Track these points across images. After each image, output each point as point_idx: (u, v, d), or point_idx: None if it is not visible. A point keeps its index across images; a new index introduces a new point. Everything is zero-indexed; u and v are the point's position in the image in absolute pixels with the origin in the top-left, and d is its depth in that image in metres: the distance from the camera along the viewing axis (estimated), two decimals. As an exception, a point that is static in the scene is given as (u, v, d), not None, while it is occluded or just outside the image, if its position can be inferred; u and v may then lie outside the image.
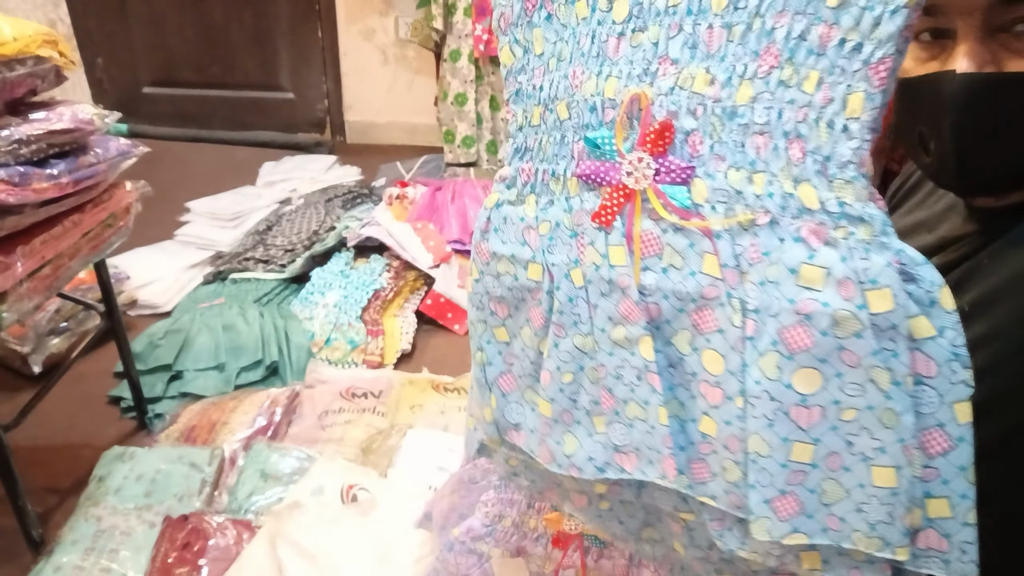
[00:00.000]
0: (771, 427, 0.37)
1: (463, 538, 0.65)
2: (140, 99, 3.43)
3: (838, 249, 0.35)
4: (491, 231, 0.49)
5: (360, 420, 1.56)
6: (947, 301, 0.36)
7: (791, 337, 0.36)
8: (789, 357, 0.36)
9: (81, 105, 1.20)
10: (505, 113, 0.47)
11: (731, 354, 0.38)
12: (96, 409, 1.67)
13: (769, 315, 0.37)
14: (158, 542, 1.20)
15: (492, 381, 0.52)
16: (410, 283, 2.12)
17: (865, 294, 0.34)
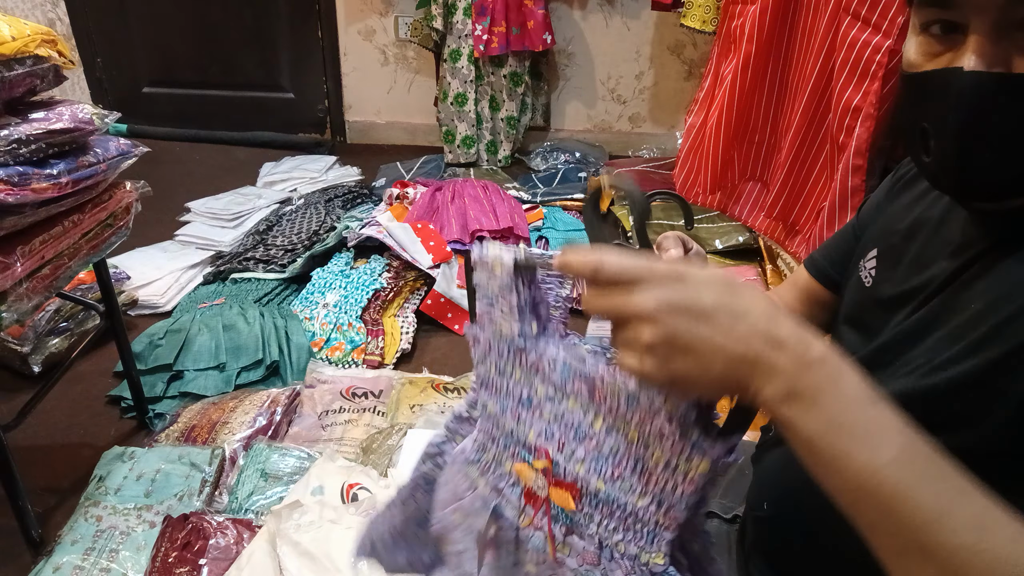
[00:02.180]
0: None
1: (462, 455, 0.66)
2: (140, 99, 3.43)
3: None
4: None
5: (360, 420, 1.56)
6: None
7: None
8: None
9: (80, 105, 1.20)
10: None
11: None
12: (96, 409, 1.67)
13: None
14: (158, 542, 1.20)
15: None
16: (410, 283, 2.12)
17: None
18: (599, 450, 0.54)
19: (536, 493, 0.59)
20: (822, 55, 1.99)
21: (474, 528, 0.65)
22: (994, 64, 0.51)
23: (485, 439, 0.63)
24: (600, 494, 0.55)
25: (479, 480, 0.64)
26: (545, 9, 2.90)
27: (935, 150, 0.56)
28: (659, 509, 0.53)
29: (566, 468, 0.56)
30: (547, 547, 0.59)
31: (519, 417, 0.59)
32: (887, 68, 1.75)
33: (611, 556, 0.56)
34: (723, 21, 2.43)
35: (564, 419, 0.56)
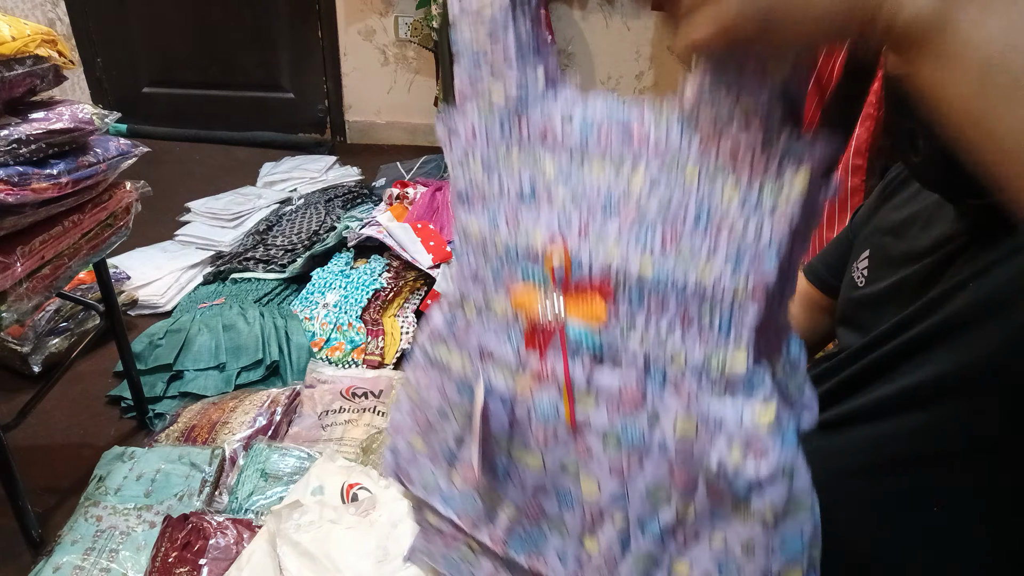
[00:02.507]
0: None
1: (423, 340, 0.51)
2: (140, 99, 3.43)
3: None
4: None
5: (360, 420, 1.56)
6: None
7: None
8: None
9: (80, 105, 1.20)
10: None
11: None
12: (96, 409, 1.67)
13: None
14: (158, 542, 1.20)
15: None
16: (410, 283, 2.12)
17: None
18: (641, 216, 0.40)
19: (543, 325, 0.43)
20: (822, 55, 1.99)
21: (446, 441, 0.50)
22: None
23: (463, 286, 0.48)
24: (646, 280, 0.40)
25: (452, 357, 0.48)
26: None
27: (924, 153, 0.57)
28: (736, 272, 0.38)
29: (592, 259, 0.41)
30: (561, 408, 0.44)
31: (517, 220, 0.44)
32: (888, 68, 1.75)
33: (662, 381, 0.40)
34: (723, 21, 2.43)
35: (586, 193, 0.41)
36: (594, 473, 0.44)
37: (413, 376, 0.51)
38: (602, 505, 0.44)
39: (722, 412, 0.39)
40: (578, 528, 0.46)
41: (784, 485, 0.38)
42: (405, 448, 0.53)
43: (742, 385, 0.39)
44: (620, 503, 0.43)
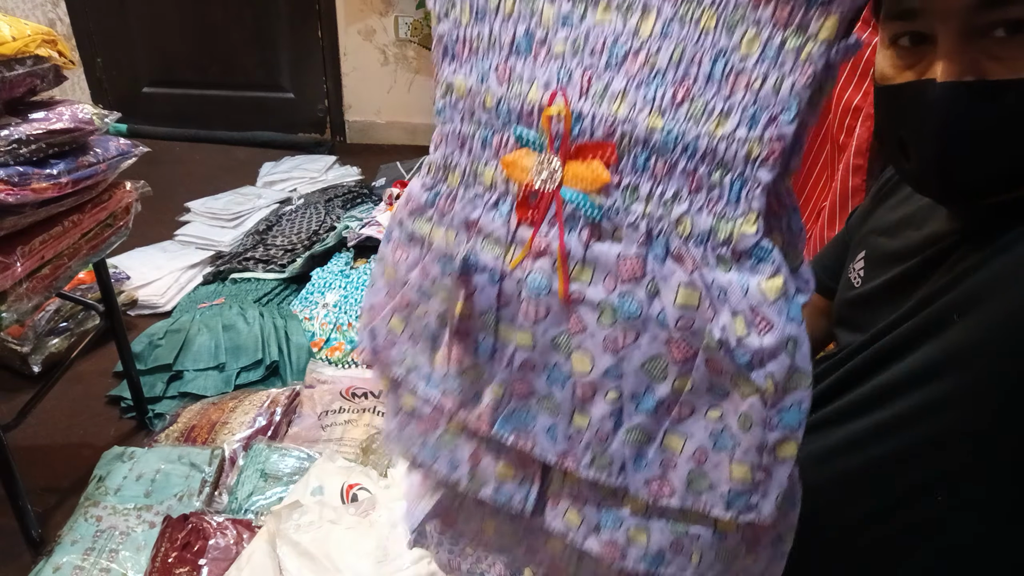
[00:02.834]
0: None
1: (401, 214, 0.47)
2: (140, 99, 3.43)
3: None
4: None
5: (360, 420, 1.56)
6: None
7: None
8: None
9: (81, 105, 1.20)
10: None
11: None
12: (96, 409, 1.67)
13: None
14: (158, 542, 1.20)
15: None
16: (410, 283, 2.12)
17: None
18: (651, 67, 0.37)
19: (538, 192, 0.40)
20: None
21: (427, 321, 0.47)
22: (965, 72, 0.52)
23: (447, 152, 0.44)
24: (654, 138, 0.37)
25: (435, 232, 0.45)
26: None
27: (914, 159, 0.57)
28: (753, 128, 0.35)
29: (595, 117, 0.38)
30: (555, 281, 0.41)
31: (510, 74, 0.40)
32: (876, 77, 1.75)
33: (665, 250, 0.38)
34: (723, 21, 2.43)
35: (590, 42, 0.38)
36: (587, 348, 0.41)
37: (391, 255, 0.49)
38: (594, 381, 0.42)
39: (727, 282, 0.37)
40: (568, 405, 0.44)
41: (787, 357, 0.37)
42: (383, 329, 0.50)
43: (750, 255, 0.37)
44: (613, 378, 0.41)
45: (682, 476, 0.42)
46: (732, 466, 0.40)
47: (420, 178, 0.46)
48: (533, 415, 0.45)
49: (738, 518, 0.41)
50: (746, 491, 0.41)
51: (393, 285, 0.49)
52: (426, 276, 0.46)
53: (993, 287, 0.54)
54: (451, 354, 0.46)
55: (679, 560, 0.44)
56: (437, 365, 0.48)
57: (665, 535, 0.44)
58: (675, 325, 0.39)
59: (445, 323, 0.46)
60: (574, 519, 0.47)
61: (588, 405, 0.43)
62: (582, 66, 0.38)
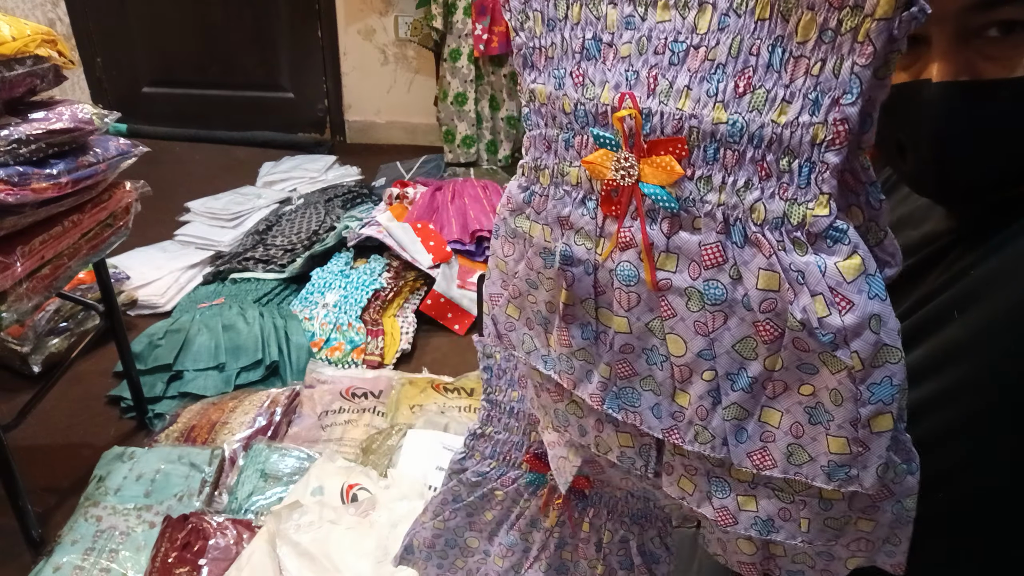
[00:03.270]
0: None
1: (503, 213, 0.50)
2: (140, 99, 3.43)
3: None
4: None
5: (360, 420, 1.56)
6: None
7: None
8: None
9: (80, 104, 1.20)
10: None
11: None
12: (96, 409, 1.67)
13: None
14: (158, 542, 1.20)
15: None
16: (410, 283, 2.12)
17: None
18: (712, 60, 0.38)
19: (618, 186, 0.42)
20: None
21: (538, 308, 0.51)
22: (960, 72, 0.52)
23: (536, 155, 0.47)
24: (720, 131, 0.38)
25: (533, 228, 0.48)
26: None
27: (911, 159, 0.57)
28: (816, 113, 0.36)
29: (664, 113, 0.40)
30: (642, 270, 0.43)
31: (584, 78, 0.43)
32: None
33: (743, 236, 0.39)
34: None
35: (652, 42, 0.40)
36: (679, 332, 0.43)
37: (500, 249, 0.51)
38: (690, 362, 0.44)
39: (805, 264, 0.38)
40: (669, 384, 0.46)
41: (872, 334, 0.38)
42: (502, 316, 0.53)
43: (825, 237, 0.38)
44: (708, 359, 0.43)
45: (782, 449, 0.43)
46: (828, 439, 0.41)
47: (516, 179, 0.49)
48: (638, 394, 0.48)
49: (841, 488, 0.42)
50: (845, 463, 0.41)
51: (505, 276, 0.52)
52: (531, 268, 0.49)
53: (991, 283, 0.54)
54: (561, 338, 0.49)
55: (788, 526, 0.46)
56: (552, 347, 0.51)
57: (772, 503, 0.46)
58: (759, 308, 0.40)
59: (553, 310, 0.49)
60: (688, 486, 0.50)
61: (687, 385, 0.45)
62: (647, 66, 0.40)
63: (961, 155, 0.54)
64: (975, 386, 0.54)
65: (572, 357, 0.49)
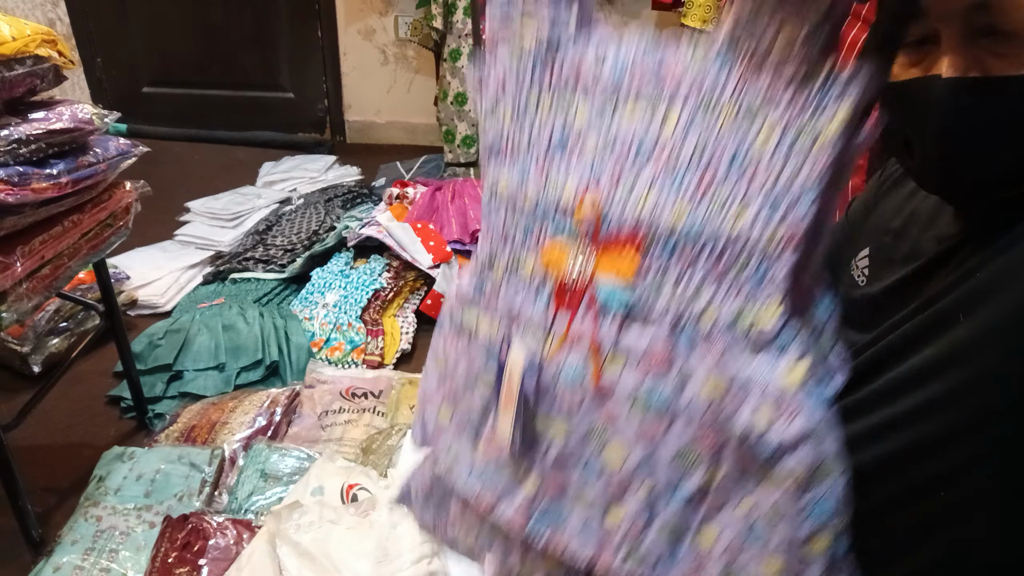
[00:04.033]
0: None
1: (451, 305, 0.50)
2: (140, 99, 3.43)
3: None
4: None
5: (360, 420, 1.56)
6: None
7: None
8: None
9: (80, 104, 1.20)
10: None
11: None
12: (96, 409, 1.67)
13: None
14: (158, 542, 1.20)
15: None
16: (410, 283, 2.12)
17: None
18: (675, 160, 0.39)
19: (573, 282, 0.42)
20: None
21: (471, 412, 0.49)
22: (969, 67, 0.52)
23: (492, 247, 0.46)
24: (677, 231, 0.39)
25: (480, 321, 0.47)
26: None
27: (918, 156, 0.57)
28: (771, 218, 0.37)
29: (624, 211, 0.40)
30: (588, 369, 0.42)
31: (549, 171, 0.43)
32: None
33: (691, 341, 0.39)
34: (723, 21, 2.43)
35: (619, 140, 0.41)
36: (619, 440, 0.43)
37: (441, 344, 0.50)
38: (627, 474, 0.43)
39: (752, 370, 0.38)
40: (602, 499, 0.45)
41: (813, 448, 0.37)
42: (432, 419, 0.52)
43: (773, 342, 0.37)
44: (645, 470, 0.42)
45: (717, 570, 0.42)
46: (765, 560, 0.40)
47: (470, 272, 0.48)
48: (567, 510, 0.46)
49: None
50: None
51: (443, 375, 0.50)
52: (471, 366, 0.48)
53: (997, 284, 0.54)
54: (489, 448, 0.47)
55: None
56: (479, 456, 0.49)
57: None
58: (704, 414, 0.39)
59: (487, 414, 0.48)
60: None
61: (622, 499, 0.43)
62: (612, 163, 0.41)
63: (968, 151, 0.54)
64: (980, 387, 0.54)
65: (499, 469, 0.47)
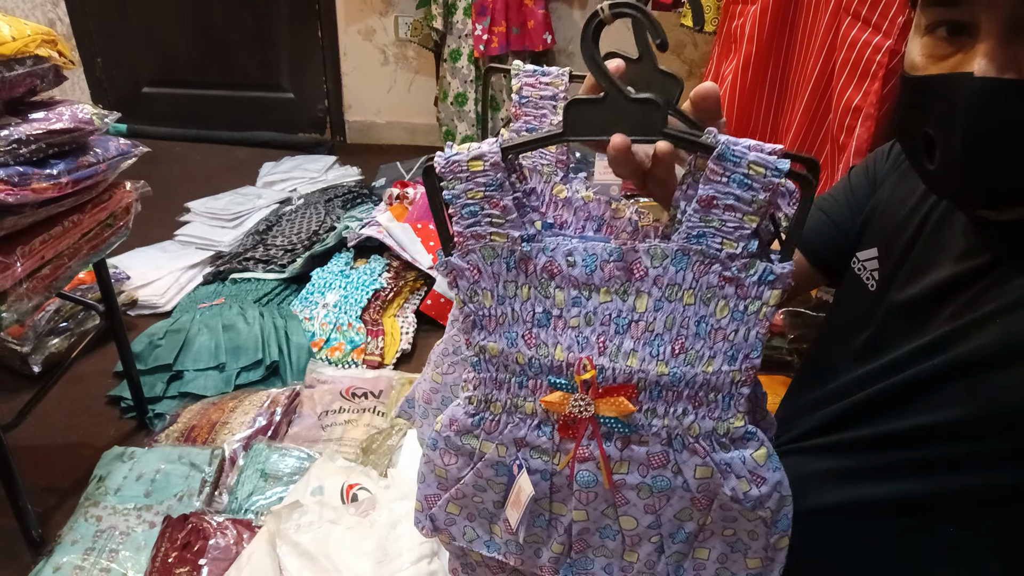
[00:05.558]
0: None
1: (446, 432, 0.56)
2: (140, 99, 3.43)
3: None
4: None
5: (360, 420, 1.56)
6: None
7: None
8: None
9: (80, 105, 1.20)
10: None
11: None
12: (96, 409, 1.67)
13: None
14: (158, 542, 1.20)
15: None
16: (410, 283, 2.12)
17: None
18: (651, 331, 0.49)
19: (576, 417, 0.51)
20: (822, 55, 1.99)
21: (484, 506, 0.58)
22: (1005, 68, 0.49)
23: (486, 391, 0.54)
24: (663, 379, 0.50)
25: (484, 446, 0.55)
26: (545, 9, 2.90)
27: (940, 158, 0.53)
28: (733, 364, 0.49)
29: (615, 368, 0.50)
30: (600, 476, 0.52)
31: (536, 340, 0.52)
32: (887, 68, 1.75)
33: (682, 445, 0.51)
34: (723, 21, 2.43)
35: (598, 317, 0.50)
36: (631, 513, 0.54)
37: (439, 459, 0.58)
38: (640, 532, 0.54)
39: (731, 459, 0.51)
40: (619, 549, 0.56)
41: (778, 494, 0.52)
42: (442, 514, 0.60)
43: (742, 439, 0.51)
44: (654, 528, 0.54)
45: (711, 573, 0.56)
46: (747, 560, 0.55)
47: (462, 406, 0.55)
48: (591, 560, 0.57)
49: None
50: (759, 572, 0.56)
51: (445, 481, 0.58)
52: (480, 477, 0.56)
53: None
54: (508, 528, 0.56)
55: None
56: (496, 535, 0.59)
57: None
58: (696, 489, 0.52)
59: (500, 507, 0.57)
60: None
61: (636, 547, 0.56)
62: (595, 333, 0.50)
63: (993, 154, 0.51)
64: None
65: (520, 542, 0.57)
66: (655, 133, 0.49)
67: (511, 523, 0.56)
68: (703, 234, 0.47)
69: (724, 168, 0.46)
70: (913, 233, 0.68)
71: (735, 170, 0.45)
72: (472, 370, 0.54)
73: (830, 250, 0.79)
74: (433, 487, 0.59)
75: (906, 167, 0.72)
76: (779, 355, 1.74)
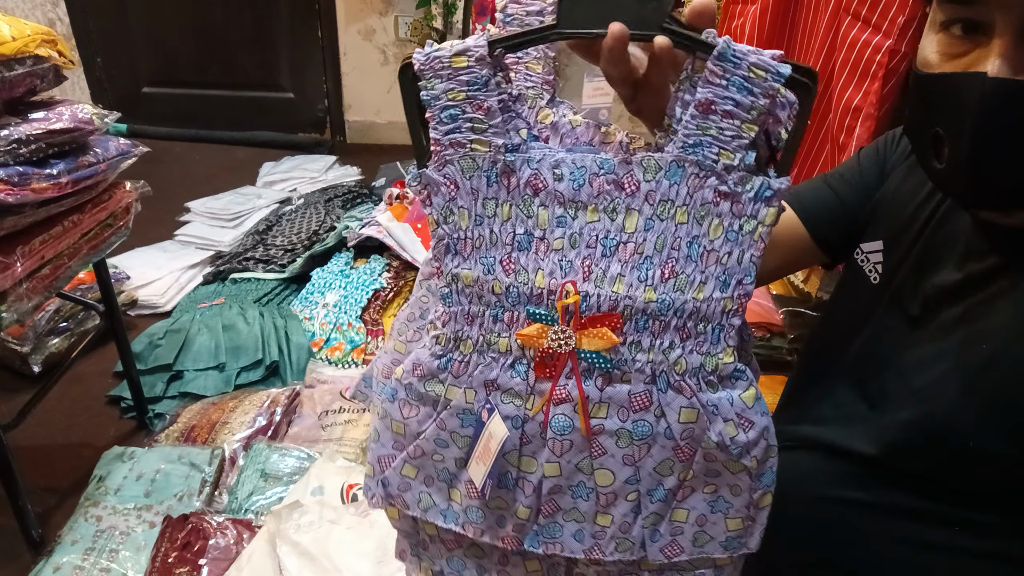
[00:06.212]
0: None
1: (408, 379, 0.51)
2: (140, 99, 3.43)
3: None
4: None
5: (360, 420, 1.56)
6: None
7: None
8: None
9: (80, 105, 1.20)
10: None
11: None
12: (96, 409, 1.67)
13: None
14: (158, 542, 1.20)
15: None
16: (410, 283, 2.12)
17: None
18: (640, 253, 0.46)
19: (555, 352, 0.47)
20: (822, 55, 1.99)
21: (444, 466, 0.53)
22: (1020, 69, 0.48)
23: (456, 327, 0.50)
24: (650, 307, 0.46)
25: (451, 391, 0.51)
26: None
27: (948, 157, 0.53)
28: (725, 290, 0.46)
29: (600, 295, 0.46)
30: (577, 421, 0.48)
31: (515, 266, 0.48)
32: (887, 68, 1.75)
33: (667, 384, 0.48)
34: (723, 21, 2.43)
35: (584, 238, 0.47)
36: (609, 467, 0.50)
37: (398, 412, 0.53)
38: (616, 489, 0.51)
39: (718, 399, 0.48)
40: (592, 510, 0.52)
41: (765, 442, 0.49)
42: (396, 477, 0.55)
43: (731, 378, 0.48)
44: (632, 483, 0.50)
45: (689, 538, 0.52)
46: (727, 521, 0.52)
47: (428, 347, 0.51)
48: (560, 526, 0.53)
49: (733, 554, 0.53)
50: (738, 535, 0.52)
51: (402, 438, 0.54)
52: (443, 428, 0.51)
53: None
54: (471, 490, 0.52)
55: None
56: (455, 501, 0.54)
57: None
58: (680, 436, 0.49)
59: (462, 466, 0.52)
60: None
61: (610, 508, 0.52)
62: (580, 256, 0.47)
63: (1002, 155, 0.50)
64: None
65: (483, 507, 0.52)
66: (654, 28, 0.45)
67: (475, 481, 0.50)
68: (699, 143, 0.44)
69: (724, 69, 0.43)
70: (919, 229, 0.67)
71: (735, 72, 0.43)
72: (442, 304, 0.49)
73: (834, 229, 0.77)
74: (388, 446, 0.55)
75: (914, 160, 0.71)
76: (779, 355, 1.75)
